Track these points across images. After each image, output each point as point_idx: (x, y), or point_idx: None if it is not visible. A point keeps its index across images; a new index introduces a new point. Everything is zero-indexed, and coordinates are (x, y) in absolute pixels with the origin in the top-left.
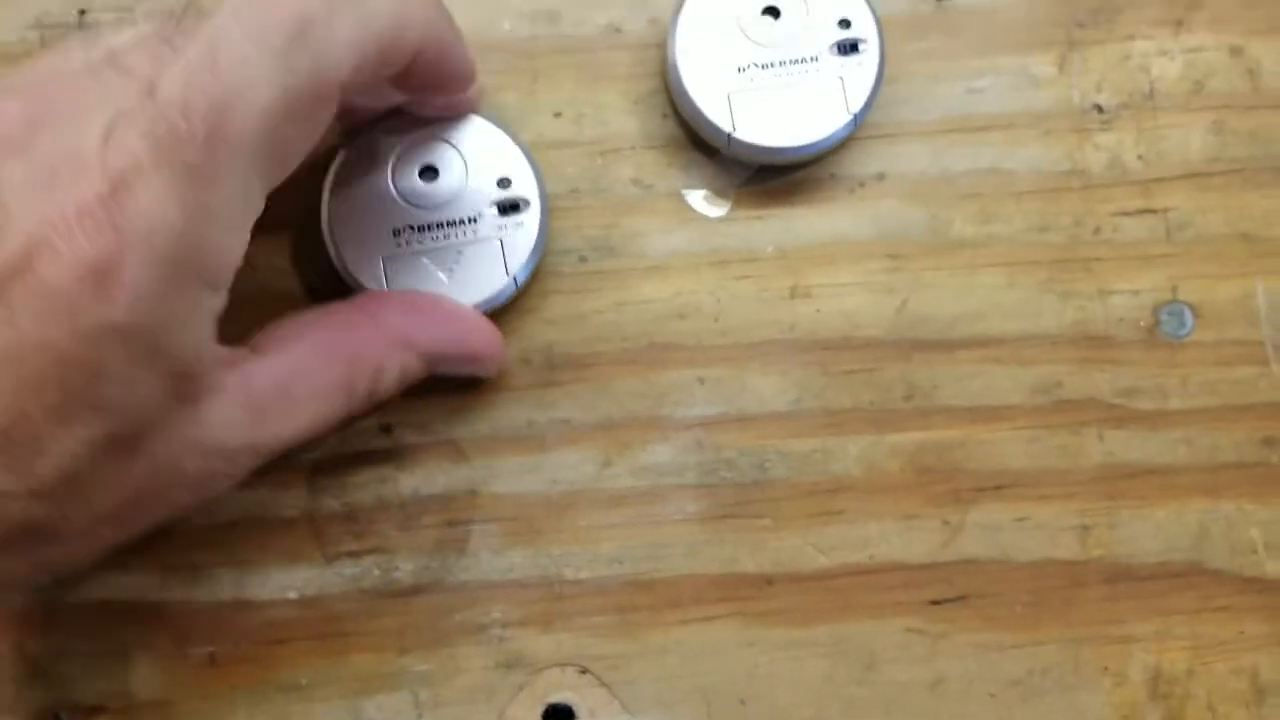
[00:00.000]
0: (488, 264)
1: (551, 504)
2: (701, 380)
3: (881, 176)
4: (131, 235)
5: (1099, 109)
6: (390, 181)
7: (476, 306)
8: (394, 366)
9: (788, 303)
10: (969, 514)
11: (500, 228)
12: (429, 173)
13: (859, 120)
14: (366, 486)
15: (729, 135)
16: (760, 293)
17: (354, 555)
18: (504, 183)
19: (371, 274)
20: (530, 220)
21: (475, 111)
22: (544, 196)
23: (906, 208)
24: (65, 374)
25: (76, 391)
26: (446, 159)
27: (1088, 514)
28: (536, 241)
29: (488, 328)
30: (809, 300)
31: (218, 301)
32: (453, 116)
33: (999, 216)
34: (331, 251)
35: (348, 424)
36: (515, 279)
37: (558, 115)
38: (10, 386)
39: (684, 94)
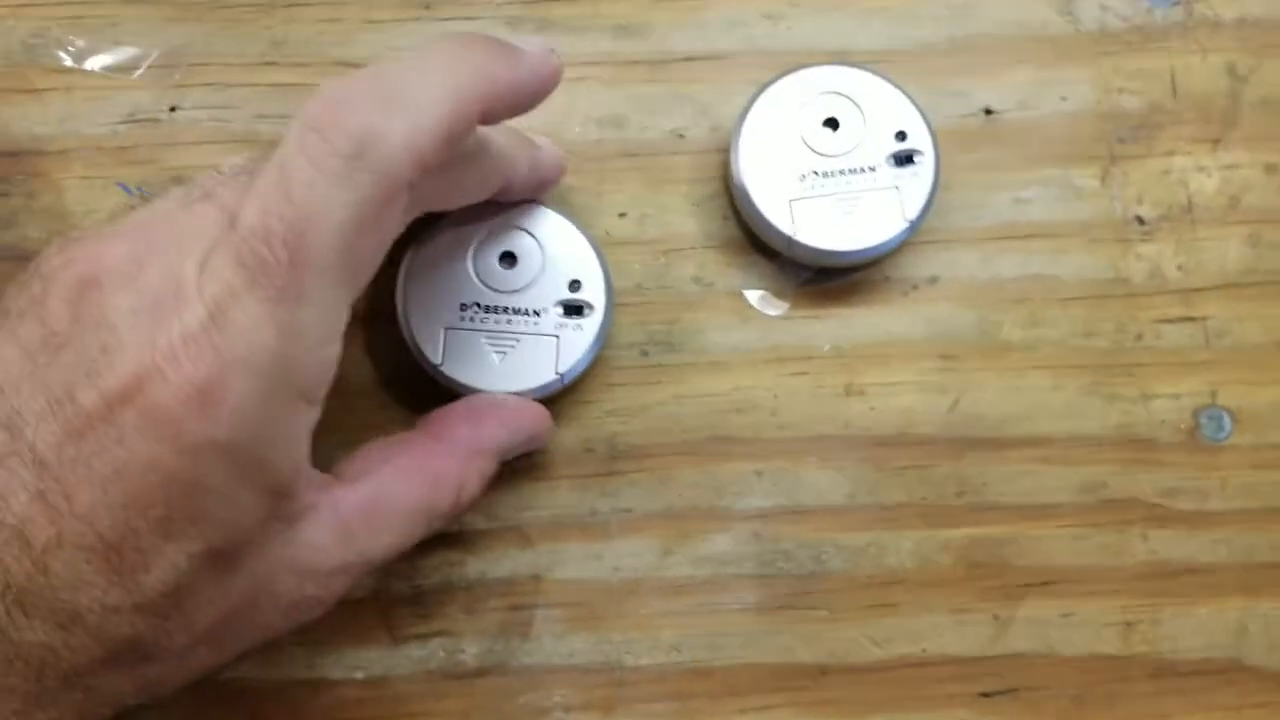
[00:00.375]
0: (540, 357)
1: (613, 591)
2: (760, 473)
3: (934, 280)
4: (231, 357)
5: (1140, 220)
6: (470, 258)
7: (524, 394)
8: (473, 477)
9: (843, 400)
10: (1018, 609)
11: (560, 326)
12: (507, 259)
13: (915, 227)
14: (435, 570)
15: (790, 239)
16: (817, 389)
17: (421, 638)
18: (574, 285)
19: (432, 342)
20: (590, 326)
21: (555, 178)
22: (609, 307)
23: (958, 310)
24: (171, 490)
25: (181, 506)
26: (527, 250)
27: (1131, 610)
28: (591, 345)
29: (537, 410)
30: (864, 398)
31: (313, 415)
32: (542, 185)
33: (1046, 320)
34: (400, 314)
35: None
36: (562, 377)
37: (622, 215)
38: (120, 502)
39: (747, 199)
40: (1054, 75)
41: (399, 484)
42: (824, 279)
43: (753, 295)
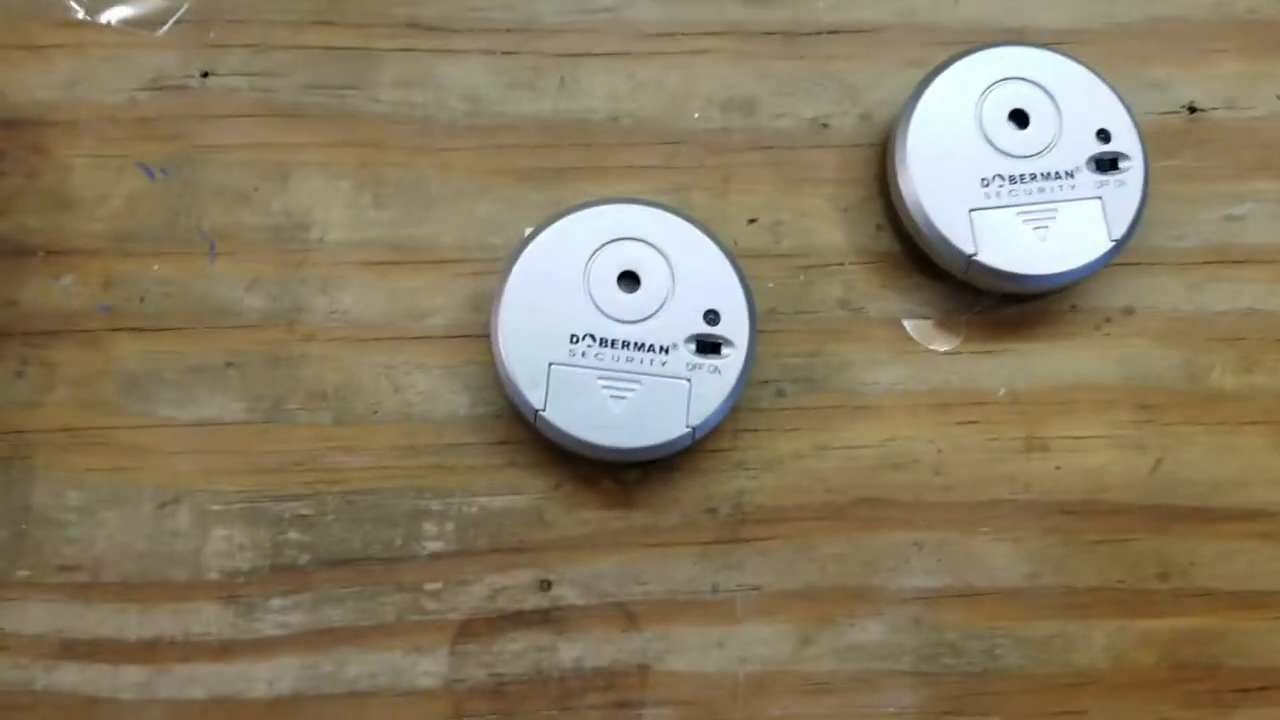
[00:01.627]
0: (666, 405)
1: (739, 687)
2: (920, 545)
3: (1129, 311)
4: None
5: None
6: (583, 278)
7: (641, 451)
8: None
9: (1022, 456)
10: (1232, 717)
11: (694, 367)
12: (628, 279)
13: (1120, 247)
14: (519, 655)
15: (970, 257)
16: (989, 442)
17: None
18: (711, 316)
19: (532, 382)
20: (730, 368)
21: None
22: (752, 345)
23: (1159, 350)
24: None
25: None
26: (652, 269)
27: None
28: (730, 393)
29: None
30: (1047, 454)
31: None
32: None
33: (1264, 365)
34: (495, 345)
35: None
36: (694, 431)
37: (753, 222)
38: None
39: (915, 207)
40: (1268, 68)
41: None
42: (998, 306)
43: (913, 325)
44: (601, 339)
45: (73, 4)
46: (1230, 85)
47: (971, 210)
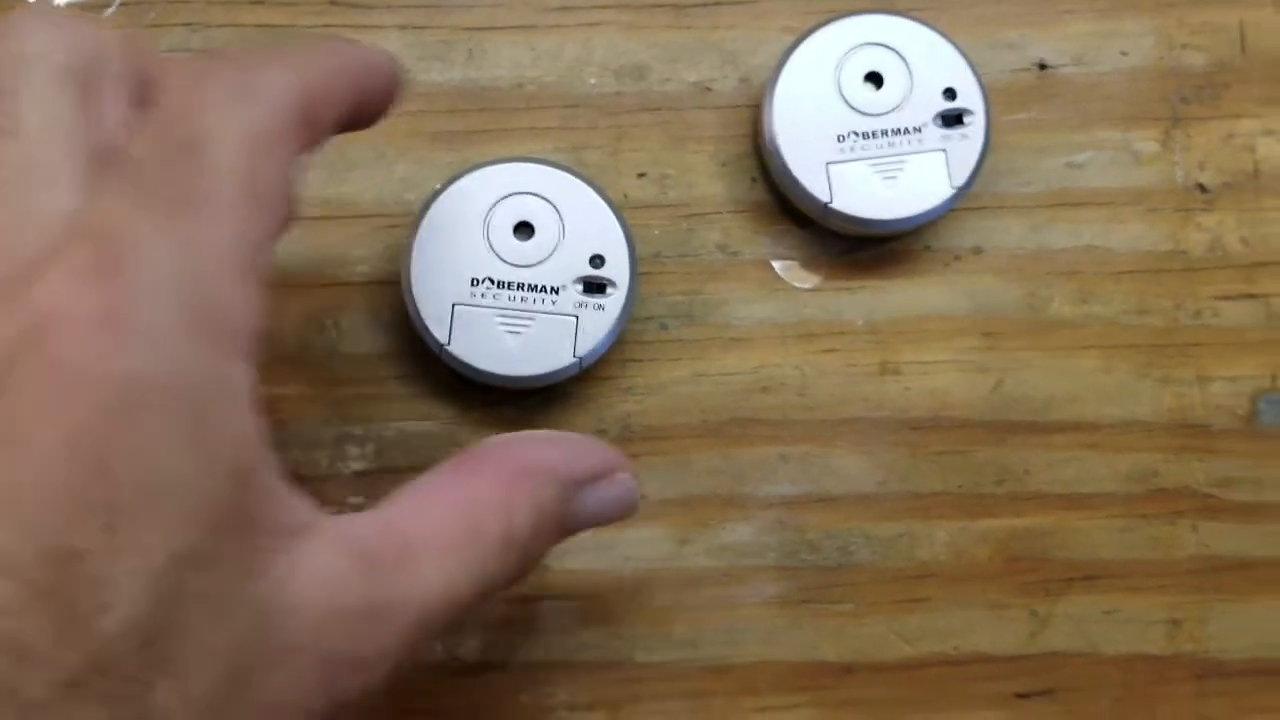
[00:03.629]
0: (556, 338)
1: (625, 582)
2: (785, 457)
3: (978, 250)
4: (133, 280)
5: (1202, 188)
6: (483, 228)
7: (534, 379)
8: (522, 500)
9: (877, 379)
10: (1058, 605)
11: (580, 305)
12: (523, 229)
13: (962, 194)
14: None
15: (826, 205)
16: (848, 368)
17: None
18: (596, 260)
19: (438, 320)
20: (612, 306)
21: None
22: (633, 285)
23: (1003, 284)
24: (104, 470)
25: (122, 494)
26: (544, 219)
27: (1179, 608)
28: (612, 327)
29: (608, 453)
30: (899, 377)
31: (246, 372)
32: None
33: (1098, 296)
34: (405, 286)
35: (505, 587)
36: (580, 361)
37: (642, 176)
38: (44, 520)
39: (781, 161)
40: (1113, 27)
41: (427, 507)
42: (857, 248)
43: (782, 265)
44: (499, 281)
45: None
46: (1079, 44)
47: (828, 163)
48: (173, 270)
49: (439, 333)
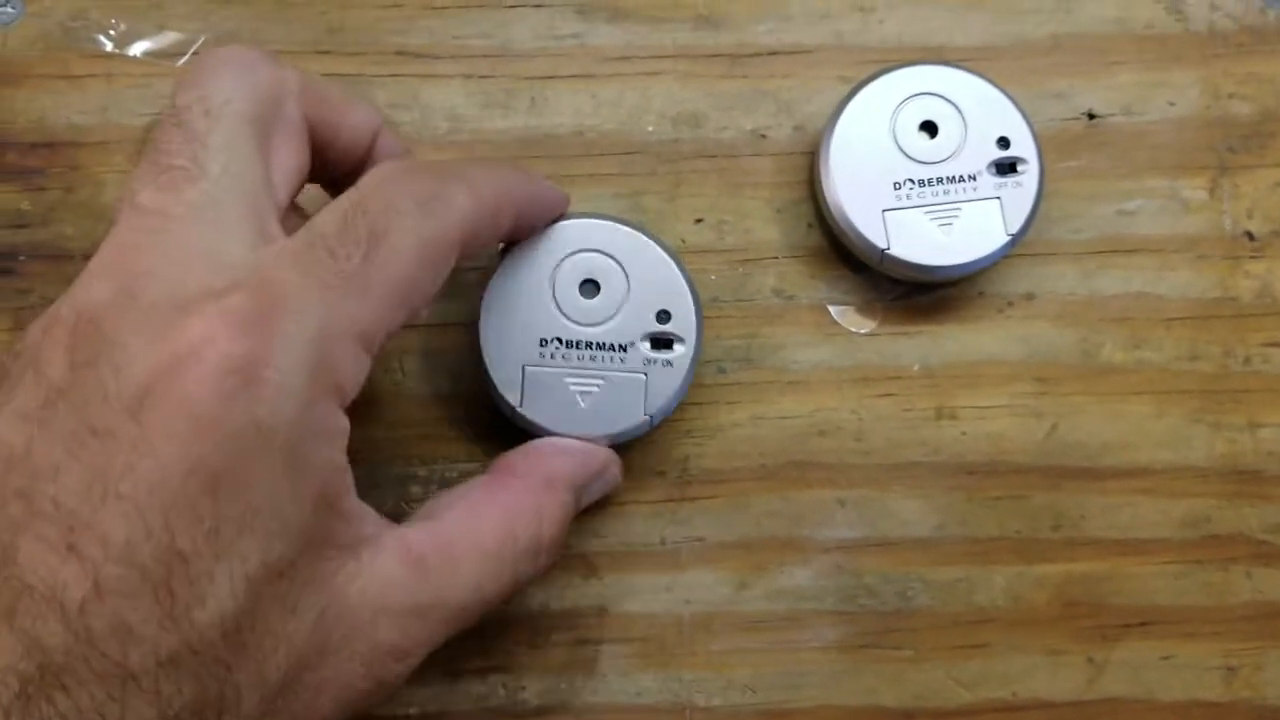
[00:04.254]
0: (627, 397)
1: (684, 625)
2: (842, 501)
3: (1031, 296)
4: (278, 330)
5: (1250, 236)
6: (550, 288)
7: (608, 439)
8: (552, 508)
9: (933, 424)
10: (1114, 651)
11: (648, 362)
12: (589, 287)
13: (1016, 241)
14: None
15: (882, 252)
16: (904, 412)
17: (479, 673)
18: (663, 315)
19: (510, 383)
20: (680, 361)
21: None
22: (699, 339)
23: (1056, 329)
24: (216, 493)
25: (228, 512)
26: (609, 276)
27: (1234, 654)
28: (681, 384)
29: (605, 454)
30: (955, 422)
31: (345, 422)
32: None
33: (1149, 342)
34: (480, 351)
35: (522, 587)
36: (651, 419)
37: (699, 221)
38: (160, 524)
39: (838, 208)
40: (1161, 78)
41: (471, 518)
42: (913, 293)
43: (838, 310)
44: (568, 341)
45: (102, 38)
46: (1126, 94)
47: (884, 210)
48: (314, 336)
49: (511, 396)
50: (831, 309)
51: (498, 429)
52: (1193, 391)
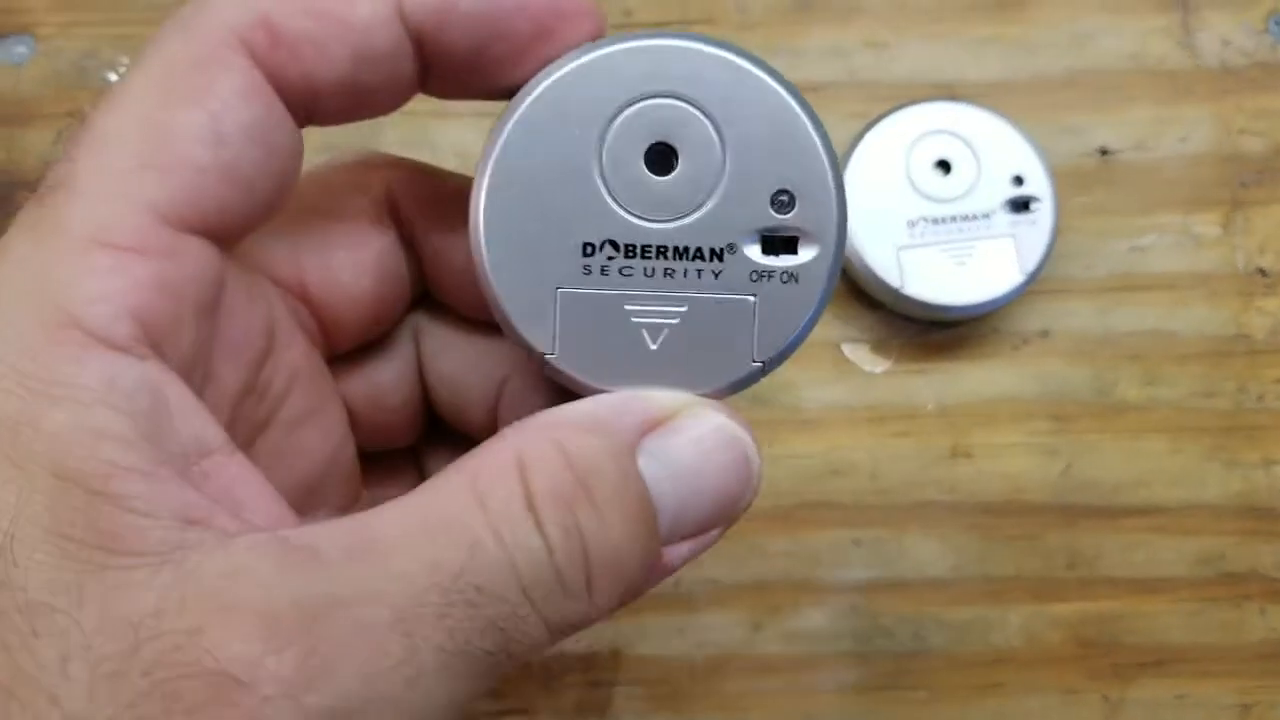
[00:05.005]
0: (728, 334)
1: (697, 668)
2: (857, 542)
3: (1046, 334)
4: None
5: (1262, 273)
6: (598, 157)
7: (710, 395)
8: (541, 451)
9: (948, 462)
10: (1129, 689)
11: (759, 275)
12: (660, 154)
13: (1032, 280)
14: None
15: (897, 291)
16: (920, 451)
17: (492, 716)
18: (782, 201)
19: (536, 316)
20: (812, 273)
21: None
22: (841, 235)
23: (1071, 367)
24: None
25: None
26: (692, 137)
27: (1249, 692)
28: (816, 306)
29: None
30: (970, 461)
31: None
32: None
33: (1164, 379)
34: (482, 277)
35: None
36: (764, 365)
37: None
38: None
39: (852, 247)
40: (1173, 113)
41: (414, 495)
42: (928, 331)
43: (851, 349)
44: (627, 246)
45: (112, 76)
46: (1139, 130)
47: (900, 249)
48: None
49: (538, 338)
50: (845, 347)
51: None
52: (1208, 429)
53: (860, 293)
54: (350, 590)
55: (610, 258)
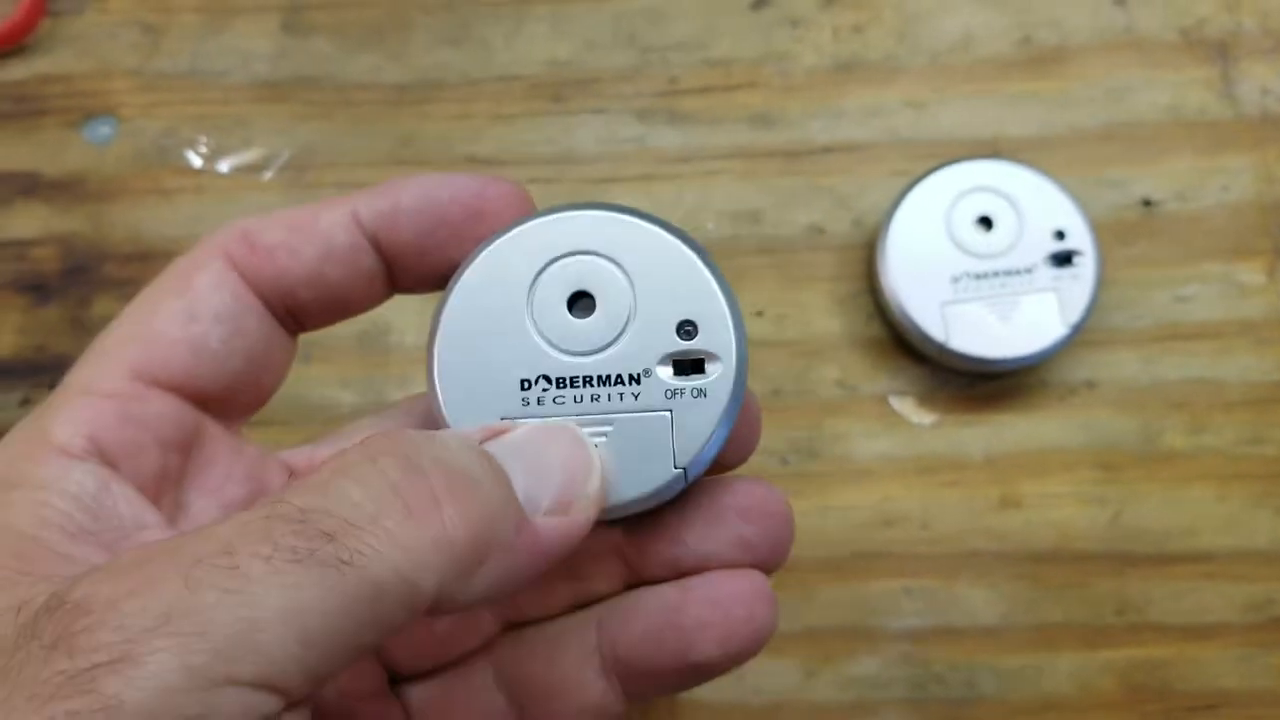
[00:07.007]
0: (649, 446)
1: (752, 714)
2: (909, 590)
3: (1092, 384)
4: None
5: None
6: (528, 308)
7: (628, 505)
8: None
9: (998, 512)
10: None
11: (672, 393)
12: (581, 301)
13: (1076, 332)
14: None
15: (942, 346)
16: (969, 501)
17: None
18: (687, 330)
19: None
20: (717, 387)
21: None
22: (741, 352)
23: (1118, 416)
24: None
25: None
26: (607, 285)
27: None
28: (722, 416)
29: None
30: (1019, 510)
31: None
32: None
33: (1210, 427)
34: (437, 404)
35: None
36: (685, 471)
37: (760, 314)
38: None
39: (897, 304)
40: (1214, 164)
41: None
42: (975, 382)
43: (898, 401)
44: (559, 379)
45: (191, 154)
46: (1181, 180)
47: (944, 304)
48: None
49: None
50: (892, 400)
51: None
52: (1255, 476)
53: (907, 347)
54: (185, 539)
55: (545, 389)
